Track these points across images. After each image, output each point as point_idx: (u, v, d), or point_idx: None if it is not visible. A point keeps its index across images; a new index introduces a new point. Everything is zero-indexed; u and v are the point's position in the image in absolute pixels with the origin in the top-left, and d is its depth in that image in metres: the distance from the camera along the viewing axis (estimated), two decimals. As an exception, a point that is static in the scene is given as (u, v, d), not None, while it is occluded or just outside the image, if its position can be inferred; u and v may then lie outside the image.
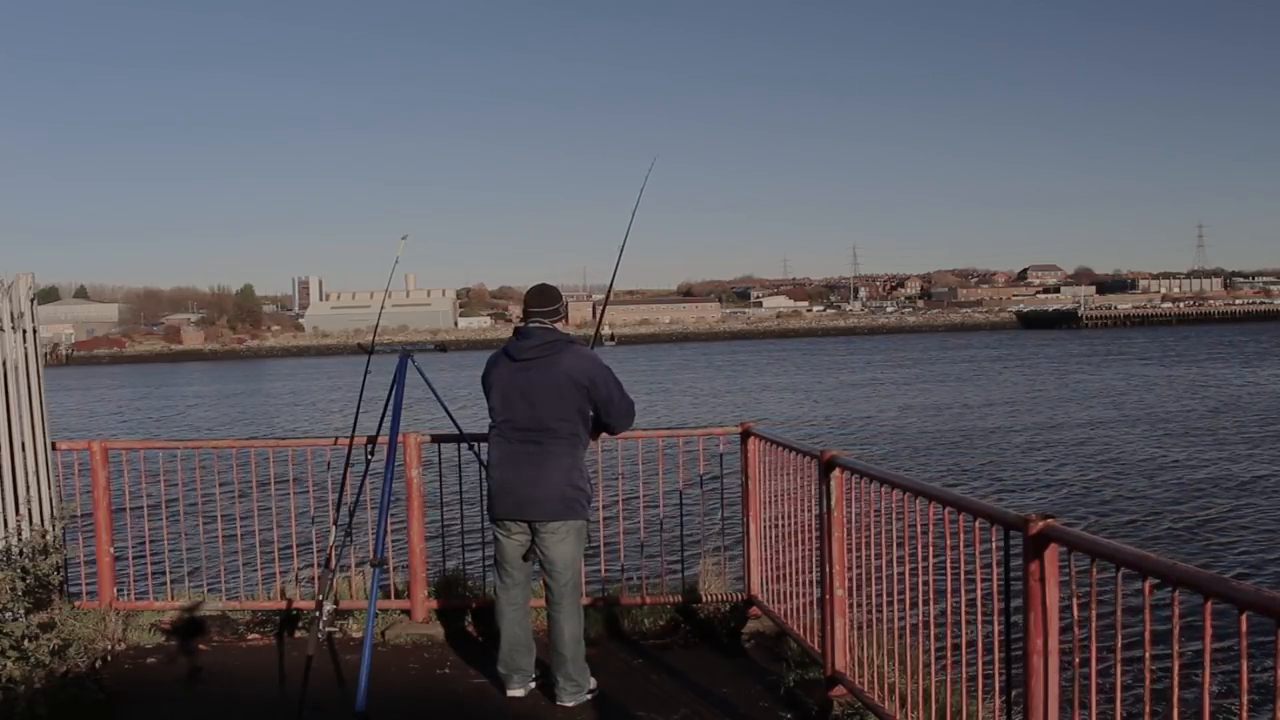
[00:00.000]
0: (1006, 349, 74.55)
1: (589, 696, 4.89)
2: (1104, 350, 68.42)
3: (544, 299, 4.94)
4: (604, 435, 5.10)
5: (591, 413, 4.88)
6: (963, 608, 3.76)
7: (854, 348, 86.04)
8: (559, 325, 4.92)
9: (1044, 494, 17.97)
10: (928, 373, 52.58)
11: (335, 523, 5.28)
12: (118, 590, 6.33)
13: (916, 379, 48.35)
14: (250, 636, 6.10)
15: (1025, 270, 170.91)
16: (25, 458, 5.56)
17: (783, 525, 5.50)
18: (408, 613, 6.10)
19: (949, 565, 3.72)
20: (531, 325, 4.88)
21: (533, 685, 5.01)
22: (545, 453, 4.75)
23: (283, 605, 6.18)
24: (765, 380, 51.74)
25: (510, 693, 4.97)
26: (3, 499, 5.42)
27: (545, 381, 4.75)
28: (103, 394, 58.46)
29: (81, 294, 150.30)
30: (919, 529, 3.89)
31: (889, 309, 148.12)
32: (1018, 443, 24.53)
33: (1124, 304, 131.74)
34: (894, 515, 4.07)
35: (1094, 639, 2.86)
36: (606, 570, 7.40)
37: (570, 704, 4.82)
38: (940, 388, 42.68)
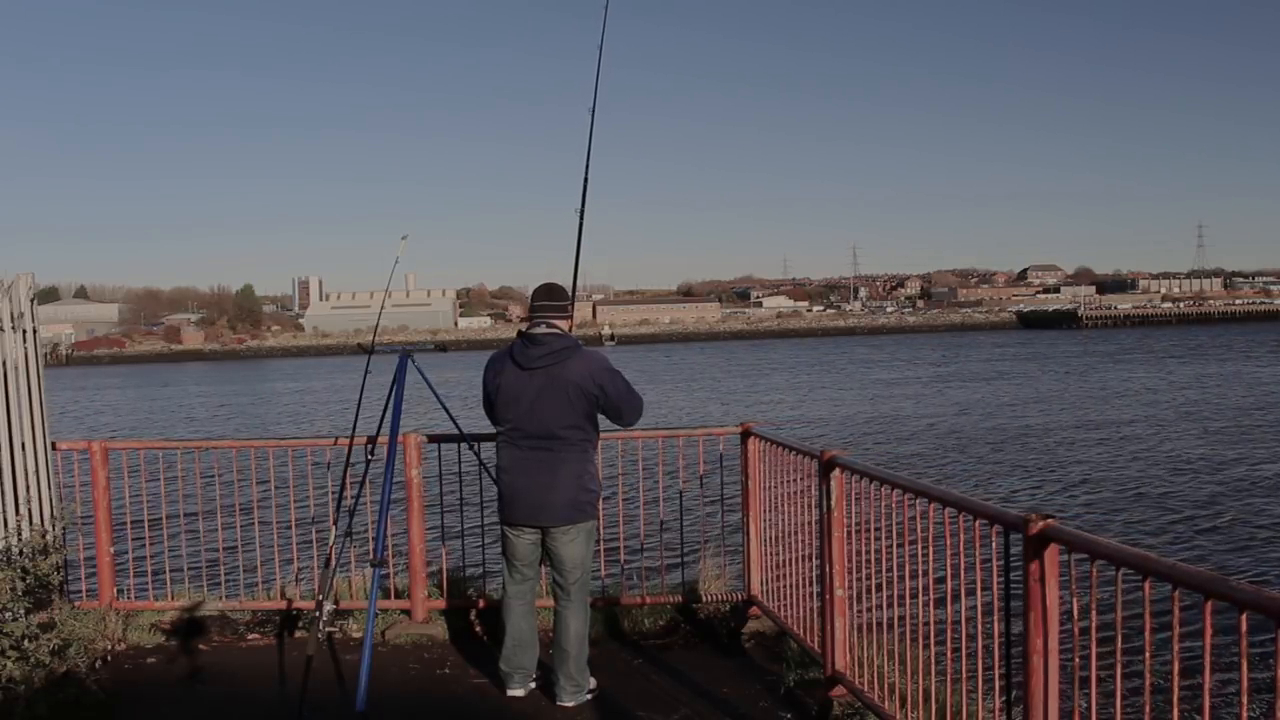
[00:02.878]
0: (1007, 349, 74.51)
1: (589, 696, 4.90)
2: (1105, 350, 68.39)
3: (553, 296, 4.88)
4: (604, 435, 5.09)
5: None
6: (963, 608, 3.76)
7: (854, 347, 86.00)
8: (565, 325, 4.88)
9: (1048, 494, 17.96)
10: (927, 373, 52.56)
11: (335, 523, 5.28)
12: (118, 590, 6.33)
13: (915, 379, 48.32)
14: (250, 636, 6.10)
15: (1025, 270, 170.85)
16: (25, 458, 5.57)
17: (783, 525, 5.50)
18: (408, 613, 6.10)
19: (949, 565, 3.72)
20: (539, 331, 4.80)
21: (533, 685, 5.01)
22: (557, 459, 4.74)
23: (283, 605, 6.18)
24: (765, 380, 51.71)
25: (510, 692, 4.97)
26: (3, 499, 5.43)
27: (554, 390, 4.71)
28: (103, 395, 58.41)
29: (81, 294, 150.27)
30: (919, 529, 3.89)
31: (889, 309, 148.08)
32: (1023, 442, 24.51)
33: (1124, 304, 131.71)
34: (894, 515, 4.07)
35: (1094, 639, 2.86)
36: (606, 570, 7.40)
37: (570, 704, 4.82)
38: (940, 387, 42.67)
